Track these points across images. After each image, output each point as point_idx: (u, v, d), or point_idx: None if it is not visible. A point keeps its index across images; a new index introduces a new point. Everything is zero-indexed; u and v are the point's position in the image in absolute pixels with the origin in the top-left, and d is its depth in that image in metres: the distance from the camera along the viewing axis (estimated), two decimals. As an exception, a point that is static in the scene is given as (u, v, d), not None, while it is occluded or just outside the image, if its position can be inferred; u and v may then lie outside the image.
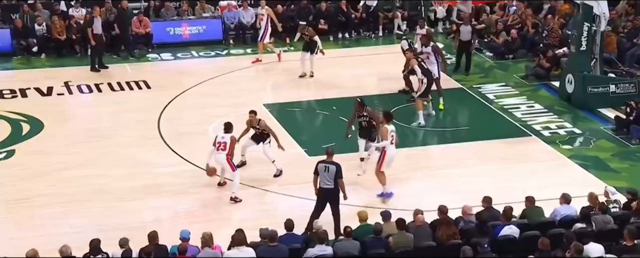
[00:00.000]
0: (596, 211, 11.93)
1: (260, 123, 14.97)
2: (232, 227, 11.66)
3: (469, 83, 19.78)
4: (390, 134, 13.97)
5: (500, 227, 11.52)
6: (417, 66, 17.34)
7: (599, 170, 15.28)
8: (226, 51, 22.27)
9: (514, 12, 23.02)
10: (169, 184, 14.78)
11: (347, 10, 23.35)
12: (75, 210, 13.88)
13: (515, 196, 13.20)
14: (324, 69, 20.71)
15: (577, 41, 17.95)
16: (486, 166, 15.44)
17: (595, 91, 18.02)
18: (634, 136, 16.38)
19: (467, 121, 18.32)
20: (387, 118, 14.30)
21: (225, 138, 14.04)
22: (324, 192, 12.68)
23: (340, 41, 23.20)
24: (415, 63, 17.43)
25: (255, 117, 15.03)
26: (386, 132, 13.98)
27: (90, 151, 16.14)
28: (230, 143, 13.97)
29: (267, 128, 15.00)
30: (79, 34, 21.58)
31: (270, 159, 14.98)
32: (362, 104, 14.90)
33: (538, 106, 18.41)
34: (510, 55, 21.53)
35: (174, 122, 17.47)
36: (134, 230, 12.64)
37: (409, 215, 11.80)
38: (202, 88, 19.42)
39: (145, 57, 21.82)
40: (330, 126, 17.38)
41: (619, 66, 19.59)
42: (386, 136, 13.96)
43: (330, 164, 12.70)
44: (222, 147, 13.96)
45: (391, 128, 14.07)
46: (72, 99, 19.22)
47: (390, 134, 13.97)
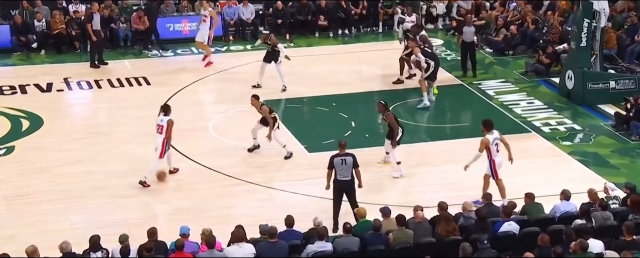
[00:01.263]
0: (596, 207, 11.93)
1: (262, 108, 15.21)
2: (231, 223, 11.65)
3: (468, 79, 19.76)
4: (494, 144, 13.31)
5: (500, 223, 11.52)
6: (421, 53, 17.75)
7: (599, 166, 15.28)
8: (226, 47, 22.26)
9: (513, 8, 22.99)
10: (169, 180, 14.76)
11: (347, 7, 23.33)
12: (74, 206, 13.88)
13: (515, 192, 13.22)
14: (324, 65, 20.71)
15: (577, 37, 17.93)
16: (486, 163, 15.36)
17: (595, 87, 18.00)
18: (633, 132, 16.37)
19: (467, 117, 18.31)
20: (486, 126, 13.58)
21: (163, 121, 14.13)
22: (341, 184, 12.77)
23: (340, 37, 23.18)
24: (419, 51, 17.83)
25: (258, 102, 15.26)
26: (487, 143, 13.31)
27: (90, 147, 16.13)
28: (167, 127, 14.00)
29: (266, 115, 15.08)
30: (79, 30, 21.56)
31: (281, 144, 15.20)
32: (383, 106, 14.84)
33: (538, 102, 18.40)
34: (510, 51, 21.50)
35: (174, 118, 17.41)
36: (134, 226, 12.65)
37: (409, 212, 11.80)
38: (202, 85, 19.41)
39: (144, 53, 21.80)
40: (329, 122, 17.37)
41: (619, 62, 19.57)
42: (483, 147, 13.32)
43: (346, 156, 12.80)
44: (159, 130, 14.08)
45: (492, 138, 13.37)
46: (71, 95, 19.22)
47: (494, 144, 13.31)
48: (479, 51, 21.02)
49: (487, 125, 13.64)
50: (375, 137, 16.88)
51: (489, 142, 13.38)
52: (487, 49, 21.80)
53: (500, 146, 13.53)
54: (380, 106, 14.89)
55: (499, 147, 13.52)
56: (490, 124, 13.69)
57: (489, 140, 13.40)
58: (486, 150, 13.43)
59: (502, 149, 13.59)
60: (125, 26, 22.18)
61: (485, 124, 13.69)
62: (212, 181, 14.80)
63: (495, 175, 13.53)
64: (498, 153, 13.50)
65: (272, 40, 18.58)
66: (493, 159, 13.44)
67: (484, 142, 13.41)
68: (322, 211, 12.90)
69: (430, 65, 17.72)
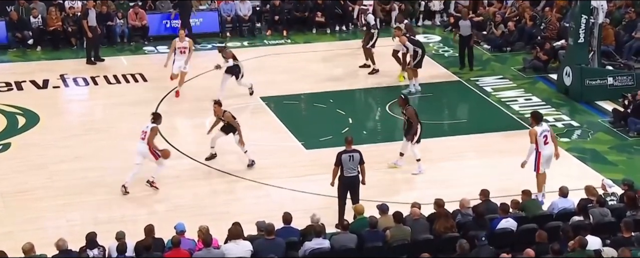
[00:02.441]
0: (594, 204, 11.91)
1: (225, 115, 14.95)
2: (228, 220, 11.63)
3: (466, 76, 19.73)
4: (542, 136, 13.33)
5: (497, 220, 11.50)
6: (408, 42, 18.11)
7: (597, 162, 15.27)
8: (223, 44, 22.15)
9: (511, 4, 22.96)
10: (165, 177, 14.72)
11: (344, 3, 23.28)
12: (71, 203, 13.84)
13: (513, 189, 13.20)
14: (321, 62, 20.66)
15: (575, 34, 17.91)
16: (484, 159, 15.42)
17: (593, 84, 17.99)
18: (631, 129, 16.36)
19: (464, 114, 18.29)
20: (535, 119, 13.65)
21: (148, 127, 14.10)
22: (348, 180, 12.80)
23: (337, 33, 23.15)
24: (405, 40, 18.15)
25: (220, 108, 14.98)
26: (534, 134, 13.35)
27: (87, 144, 16.08)
28: (150, 133, 13.98)
29: (231, 120, 14.90)
30: (75, 26, 21.50)
31: (243, 150, 14.96)
32: (404, 100, 14.77)
33: (536, 98, 18.38)
34: (508, 48, 21.48)
35: (170, 115, 17.40)
36: (131, 223, 12.62)
37: (406, 208, 11.77)
38: (198, 81, 19.36)
39: (141, 49, 21.74)
40: (327, 119, 17.34)
41: (617, 58, 19.55)
42: (533, 138, 13.35)
43: (354, 152, 12.83)
44: (142, 136, 14.06)
45: (540, 130, 13.41)
46: (68, 92, 19.16)
47: (542, 136, 13.33)
48: (476, 47, 21.02)
49: (536, 117, 13.71)
50: (372, 134, 16.89)
51: (536, 133, 13.38)
52: (484, 45, 21.77)
53: (548, 139, 13.49)
54: (401, 100, 14.84)
55: (548, 139, 13.48)
56: (539, 116, 13.76)
57: (537, 131, 13.40)
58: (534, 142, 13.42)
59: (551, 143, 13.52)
60: (122, 22, 22.11)
61: (534, 116, 13.78)
62: (209, 178, 14.76)
63: (537, 167, 13.47)
64: (546, 145, 13.44)
65: (227, 53, 17.53)
66: (539, 151, 13.40)
67: (532, 133, 13.43)
68: (319, 208, 12.86)
69: (418, 53, 17.99)
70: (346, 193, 12.91)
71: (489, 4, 23.67)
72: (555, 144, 13.73)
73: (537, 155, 13.47)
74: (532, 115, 13.96)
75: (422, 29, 23.62)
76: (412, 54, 18.11)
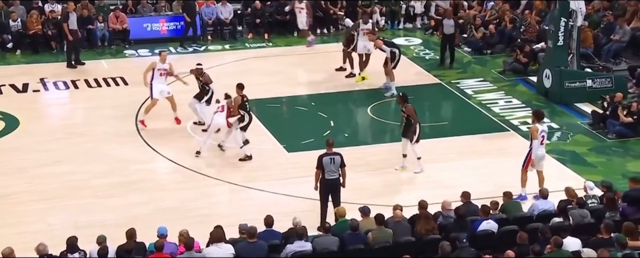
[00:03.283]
0: (573, 205, 12.01)
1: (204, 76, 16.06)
2: (210, 223, 11.61)
3: (447, 78, 19.83)
4: (540, 135, 13.49)
5: (478, 221, 11.57)
6: (384, 45, 18.31)
7: (576, 164, 15.39)
8: (204, 47, 22.17)
9: (491, 7, 23.10)
10: (147, 180, 14.70)
11: (325, 6, 23.33)
12: (52, 207, 13.77)
13: (494, 191, 13.27)
14: (302, 65, 20.69)
15: (554, 36, 18.05)
16: (465, 161, 15.49)
17: (572, 86, 18.13)
18: (610, 131, 16.51)
19: (445, 116, 18.37)
20: (537, 116, 13.80)
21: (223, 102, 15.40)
22: (329, 183, 12.83)
23: (318, 36, 23.17)
24: (381, 43, 18.38)
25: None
26: (535, 131, 13.51)
27: (67, 147, 16.01)
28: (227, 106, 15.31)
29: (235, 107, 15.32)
30: (55, 30, 21.39)
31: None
32: (402, 99, 14.86)
33: (516, 101, 18.50)
34: (488, 50, 21.61)
35: (152, 118, 17.34)
36: (112, 227, 12.57)
37: (388, 211, 11.81)
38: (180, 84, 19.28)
39: (122, 53, 21.67)
40: (309, 122, 17.36)
41: (596, 61, 19.73)
42: (535, 135, 13.50)
43: (335, 155, 12.87)
44: (220, 109, 15.35)
45: (542, 128, 13.57)
46: (48, 95, 19.06)
47: (540, 135, 13.49)
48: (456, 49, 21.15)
49: (538, 115, 13.87)
50: (354, 136, 16.93)
51: (537, 130, 13.51)
52: (465, 48, 21.89)
53: (545, 140, 13.63)
54: (399, 99, 14.94)
55: (545, 140, 13.61)
56: (541, 114, 13.92)
57: (538, 128, 13.54)
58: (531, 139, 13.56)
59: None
60: (103, 26, 22.04)
61: (536, 114, 13.94)
62: (191, 181, 14.74)
63: (525, 165, 13.61)
64: (542, 145, 13.59)
65: (205, 77, 16.47)
66: (532, 149, 13.53)
67: (534, 129, 13.57)
68: (301, 211, 12.89)
69: (396, 54, 18.23)
70: (328, 195, 12.93)
71: (469, 7, 23.80)
72: None
73: (529, 153, 13.58)
74: (534, 113, 14.16)
75: (403, 31, 23.73)
76: (389, 57, 18.25)
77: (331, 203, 12.91)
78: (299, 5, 22.05)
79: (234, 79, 18.94)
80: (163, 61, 16.86)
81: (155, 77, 16.68)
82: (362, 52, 19.15)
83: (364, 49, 19.05)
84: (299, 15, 22.07)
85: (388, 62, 18.40)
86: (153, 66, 16.78)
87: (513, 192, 12.96)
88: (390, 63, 18.31)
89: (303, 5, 21.98)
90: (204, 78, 16.53)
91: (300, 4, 22.03)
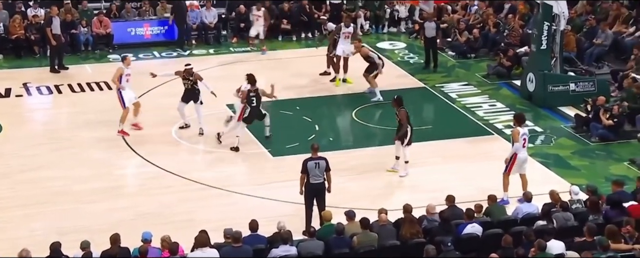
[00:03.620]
0: (557, 208, 12.06)
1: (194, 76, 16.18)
2: (195, 228, 11.58)
3: (431, 82, 19.89)
4: (522, 138, 13.57)
5: (463, 225, 11.60)
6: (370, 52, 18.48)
7: (560, 167, 15.47)
8: (188, 52, 22.12)
9: (475, 11, 23.19)
10: (131, 185, 14.66)
11: (310, 10, 23.35)
12: (35, 213, 13.68)
13: (478, 195, 13.31)
14: (287, 69, 20.68)
15: (538, 40, 18.15)
16: (449, 165, 15.54)
17: (556, 90, 18.23)
18: (593, 134, 16.60)
19: (430, 120, 18.41)
20: (518, 120, 13.89)
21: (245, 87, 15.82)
22: (314, 187, 12.84)
23: (303, 40, 23.20)
24: (368, 51, 18.48)
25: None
26: (517, 134, 13.59)
27: (50, 153, 15.92)
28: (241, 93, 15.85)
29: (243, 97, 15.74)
30: (38, 34, 21.28)
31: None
32: (395, 102, 14.95)
33: (500, 104, 18.58)
34: (472, 54, 21.70)
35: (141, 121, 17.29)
36: (96, 232, 12.50)
37: (373, 215, 11.82)
38: (164, 89, 19.25)
39: (105, 58, 21.58)
40: (293, 126, 17.36)
41: (579, 64, 19.85)
42: (517, 138, 13.57)
43: (320, 159, 12.86)
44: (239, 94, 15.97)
45: (523, 131, 13.65)
46: (31, 100, 18.95)
47: (522, 138, 13.57)
48: (441, 53, 21.23)
49: (519, 118, 13.96)
50: (338, 140, 16.94)
51: (519, 133, 13.59)
52: (449, 52, 21.96)
53: (526, 143, 13.69)
54: (394, 102, 15.00)
55: (526, 143, 13.68)
56: (522, 118, 14.00)
57: (520, 131, 13.63)
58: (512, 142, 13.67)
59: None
60: (86, 30, 21.94)
61: (517, 117, 14.03)
62: (175, 185, 14.69)
63: (508, 169, 13.67)
64: (524, 148, 13.66)
65: (195, 76, 16.38)
66: (516, 153, 13.61)
67: (516, 132, 13.66)
68: (286, 215, 12.88)
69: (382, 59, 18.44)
70: (312, 200, 12.93)
71: (453, 11, 23.88)
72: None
73: (512, 157, 13.63)
74: (515, 116, 14.26)
75: (387, 35, 23.78)
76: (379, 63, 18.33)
77: (318, 208, 12.90)
78: (257, 13, 21.69)
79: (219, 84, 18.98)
80: (128, 65, 16.68)
81: (123, 84, 16.47)
82: (340, 54, 19.16)
83: (343, 52, 19.06)
84: (256, 23, 21.59)
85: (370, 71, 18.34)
86: (121, 71, 16.52)
87: (498, 195, 13.00)
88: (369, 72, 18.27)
89: (261, 14, 21.61)
90: (194, 77, 16.45)
91: (258, 11, 21.69)
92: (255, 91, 15.79)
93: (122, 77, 16.48)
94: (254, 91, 15.78)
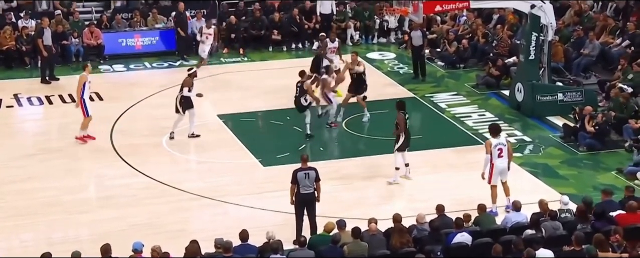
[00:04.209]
0: (546, 217, 12.15)
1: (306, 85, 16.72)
2: (186, 238, 11.60)
3: (421, 92, 19.99)
4: (496, 148, 13.64)
5: (453, 234, 11.67)
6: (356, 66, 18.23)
7: (548, 177, 15.56)
8: (179, 62, 22.17)
9: (464, 22, 23.34)
10: (122, 196, 14.66)
11: (300, 21, 23.45)
12: (25, 224, 13.67)
13: (468, 204, 13.39)
14: (278, 79, 20.74)
15: (526, 51, 18.29)
16: (439, 174, 15.62)
17: (544, 100, 18.36)
18: (581, 143, 16.72)
19: (419, 129, 18.48)
20: (492, 131, 13.97)
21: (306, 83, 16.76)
22: (304, 198, 12.87)
23: (293, 51, 23.29)
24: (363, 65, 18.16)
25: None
26: (488, 146, 13.71)
27: (41, 163, 15.92)
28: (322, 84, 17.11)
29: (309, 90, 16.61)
30: (29, 45, 21.30)
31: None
32: (397, 105, 15.21)
33: (489, 114, 18.69)
34: (462, 64, 21.83)
35: (127, 133, 17.34)
36: (86, 243, 12.52)
37: (363, 224, 11.88)
38: (155, 99, 19.31)
39: (96, 68, 21.60)
40: (284, 136, 17.42)
41: (566, 74, 20.01)
42: (488, 149, 13.68)
43: (309, 170, 12.91)
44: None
45: (495, 142, 13.72)
46: (21, 111, 18.95)
47: (496, 148, 13.64)
48: (430, 63, 21.35)
49: (492, 130, 14.08)
50: (329, 150, 17.01)
51: (491, 145, 13.71)
52: (438, 62, 22.10)
53: (503, 152, 13.78)
54: (396, 105, 15.23)
55: (503, 153, 13.77)
56: (495, 129, 14.09)
57: (492, 143, 13.74)
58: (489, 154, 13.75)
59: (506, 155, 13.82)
60: (77, 41, 21.98)
61: (491, 129, 14.16)
62: (166, 196, 14.71)
63: (489, 179, 13.77)
64: (500, 158, 13.75)
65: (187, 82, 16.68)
66: (492, 163, 13.70)
67: (487, 144, 13.80)
68: (277, 225, 12.92)
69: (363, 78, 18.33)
70: (303, 210, 12.98)
71: (442, 22, 24.03)
72: (510, 158, 14.01)
73: (490, 167, 13.76)
74: (490, 127, 14.37)
75: (377, 46, 23.90)
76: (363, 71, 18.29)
77: (309, 218, 12.95)
78: (207, 31, 21.13)
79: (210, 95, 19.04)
80: (89, 72, 16.86)
81: (85, 92, 16.53)
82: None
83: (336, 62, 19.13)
84: (206, 41, 21.04)
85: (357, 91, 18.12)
86: (84, 79, 16.57)
87: (487, 205, 13.08)
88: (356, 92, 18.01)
89: (211, 32, 21.22)
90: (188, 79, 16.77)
91: (208, 29, 21.18)
92: (300, 82, 16.80)
93: (85, 85, 16.54)
94: (299, 83, 16.77)
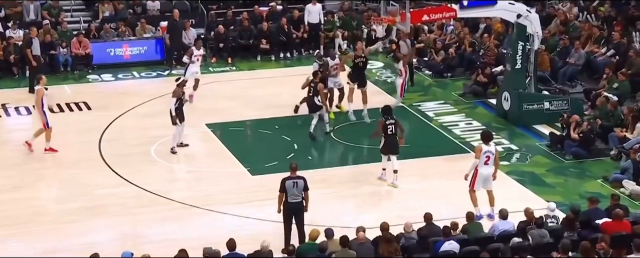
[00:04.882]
0: (532, 225, 12.24)
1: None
2: (175, 247, 11.62)
3: (408, 101, 20.07)
4: (485, 155, 13.83)
5: (440, 242, 11.74)
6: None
7: (535, 185, 15.67)
8: (167, 72, 22.20)
9: (451, 31, 23.47)
10: (111, 205, 14.66)
11: (288, 30, 23.54)
12: (14, 234, 13.66)
13: (456, 212, 13.47)
14: (266, 89, 20.82)
15: (512, 60, 18.42)
16: (427, 183, 15.70)
17: (531, 108, 18.49)
18: (567, 152, 16.85)
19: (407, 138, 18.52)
20: (483, 138, 14.17)
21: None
22: (292, 206, 12.91)
23: (282, 60, 23.36)
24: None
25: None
26: (479, 151, 13.89)
27: (29, 173, 15.91)
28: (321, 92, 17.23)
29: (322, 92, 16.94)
30: (17, 55, 21.29)
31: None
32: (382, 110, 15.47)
33: (476, 123, 18.80)
34: (449, 73, 21.95)
35: (116, 143, 17.35)
36: (76, 252, 12.53)
37: (351, 232, 11.94)
38: (144, 109, 19.33)
39: (85, 78, 21.62)
40: (272, 145, 17.47)
41: (553, 83, 20.17)
42: (478, 154, 13.88)
43: (298, 179, 12.96)
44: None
45: (485, 149, 13.89)
46: (9, 121, 18.93)
47: (485, 155, 13.83)
48: (417, 72, 21.46)
49: (484, 137, 14.26)
50: (317, 159, 17.07)
51: (481, 151, 13.88)
52: (426, 71, 22.21)
53: (490, 160, 13.94)
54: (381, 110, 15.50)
55: (490, 161, 13.94)
56: (487, 135, 14.27)
57: (482, 149, 13.91)
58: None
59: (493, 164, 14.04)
60: (65, 51, 21.98)
61: (483, 135, 14.36)
62: (154, 205, 14.73)
63: (472, 185, 13.93)
64: (486, 165, 13.92)
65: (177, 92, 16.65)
66: (477, 169, 13.86)
67: (478, 149, 13.98)
68: (265, 233, 12.94)
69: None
70: (291, 219, 13.02)
71: (429, 31, 24.16)
72: (496, 166, 14.13)
73: (474, 173, 13.87)
74: (482, 134, 14.56)
75: (365, 55, 23.97)
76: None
77: (297, 227, 13.00)
78: (197, 52, 19.72)
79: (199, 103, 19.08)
80: (44, 84, 16.78)
81: (44, 104, 16.56)
82: (333, 87, 18.80)
83: (335, 84, 18.74)
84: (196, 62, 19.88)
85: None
86: (41, 93, 16.56)
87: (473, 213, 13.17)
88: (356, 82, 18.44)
89: (201, 52, 20.21)
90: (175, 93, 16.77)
91: (198, 51, 19.74)
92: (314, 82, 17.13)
93: (43, 98, 16.54)
94: (314, 83, 17.11)
